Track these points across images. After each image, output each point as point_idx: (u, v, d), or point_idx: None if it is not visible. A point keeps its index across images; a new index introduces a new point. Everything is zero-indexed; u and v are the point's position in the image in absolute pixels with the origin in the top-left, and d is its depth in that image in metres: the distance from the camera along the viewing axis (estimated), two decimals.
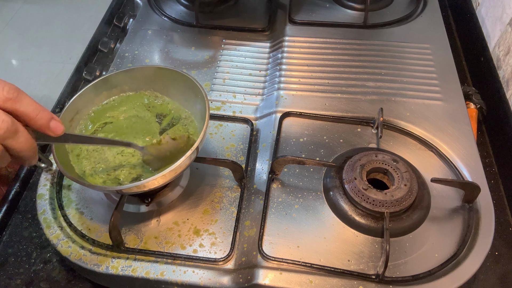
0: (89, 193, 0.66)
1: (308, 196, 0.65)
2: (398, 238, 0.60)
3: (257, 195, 0.66)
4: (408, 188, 0.60)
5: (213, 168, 0.69)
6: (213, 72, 0.84)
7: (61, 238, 0.61)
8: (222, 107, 0.78)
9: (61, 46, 2.32)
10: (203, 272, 0.58)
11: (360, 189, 0.60)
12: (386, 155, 0.64)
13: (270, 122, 0.75)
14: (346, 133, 0.73)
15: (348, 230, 0.61)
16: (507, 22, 0.83)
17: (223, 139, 0.73)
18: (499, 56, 0.85)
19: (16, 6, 2.56)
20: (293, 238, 0.61)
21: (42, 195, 0.66)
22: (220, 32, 0.92)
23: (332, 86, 0.80)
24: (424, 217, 0.62)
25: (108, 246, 0.60)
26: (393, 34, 0.90)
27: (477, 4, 0.98)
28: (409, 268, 0.58)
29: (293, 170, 0.68)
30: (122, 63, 0.85)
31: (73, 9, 2.54)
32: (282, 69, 0.83)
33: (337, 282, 0.57)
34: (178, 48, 0.89)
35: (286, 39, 0.88)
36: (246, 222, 0.63)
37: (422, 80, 0.80)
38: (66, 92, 0.85)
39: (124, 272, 0.58)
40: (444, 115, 0.75)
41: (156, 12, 0.96)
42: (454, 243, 0.60)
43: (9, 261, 0.65)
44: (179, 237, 0.62)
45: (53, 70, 2.19)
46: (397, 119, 0.74)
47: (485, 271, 0.63)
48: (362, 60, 0.84)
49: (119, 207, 0.58)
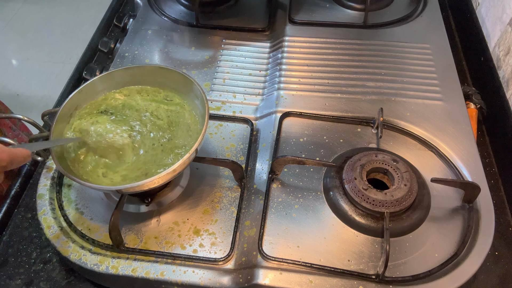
0: (89, 193, 0.66)
1: (308, 196, 0.65)
2: (398, 238, 0.60)
3: (257, 195, 0.66)
4: (408, 188, 0.60)
5: (213, 168, 0.69)
6: (213, 72, 0.84)
7: (61, 238, 0.61)
8: (222, 107, 0.78)
9: (61, 46, 2.32)
10: (203, 272, 0.58)
11: (360, 189, 0.60)
12: (386, 155, 0.64)
13: (270, 122, 0.75)
14: (346, 133, 0.73)
15: (348, 230, 0.61)
16: (507, 22, 0.83)
17: (223, 139, 0.73)
18: (499, 56, 0.85)
19: (16, 6, 2.56)
20: (293, 238, 0.61)
21: (42, 195, 0.66)
22: (220, 32, 0.92)
23: (332, 86, 0.80)
24: (424, 217, 0.62)
25: (108, 246, 0.60)
26: (393, 34, 0.90)
27: (477, 4, 0.98)
28: (409, 268, 0.58)
29: (293, 170, 0.68)
30: (122, 63, 0.85)
31: (73, 9, 2.54)
32: (282, 69, 0.83)
33: (337, 282, 0.57)
34: (178, 48, 0.89)
35: (286, 39, 0.88)
36: (246, 222, 0.63)
37: (422, 80, 0.80)
38: (66, 92, 0.85)
39: (124, 272, 0.58)
40: (444, 115, 0.75)
41: (156, 12, 0.96)
42: (454, 243, 0.60)
43: (9, 261, 0.65)
44: (179, 237, 0.62)
45: (53, 70, 2.19)
46: (397, 119, 0.74)
47: (485, 271, 0.63)
48: (362, 60, 0.84)
49: (119, 207, 0.58)
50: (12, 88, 2.10)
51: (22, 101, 2.04)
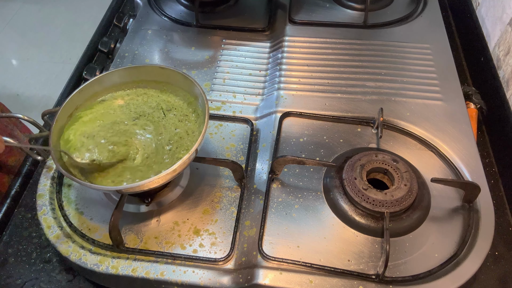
0: (89, 193, 0.66)
1: (308, 196, 0.65)
2: (398, 238, 0.60)
3: (257, 195, 0.66)
4: (408, 188, 0.60)
5: (213, 168, 0.69)
6: (213, 72, 0.84)
7: (61, 238, 0.61)
8: (222, 107, 0.78)
9: (61, 46, 2.32)
10: (203, 272, 0.58)
11: (360, 189, 0.60)
12: (386, 155, 0.64)
13: (270, 122, 0.75)
14: (346, 133, 0.73)
15: (348, 230, 0.61)
16: (507, 22, 0.83)
17: (223, 139, 0.73)
18: (499, 56, 0.85)
19: (16, 6, 2.56)
20: (293, 238, 0.61)
21: (42, 195, 0.66)
22: (220, 32, 0.92)
23: (332, 86, 0.80)
24: (424, 217, 0.62)
25: (108, 246, 0.60)
26: (393, 34, 0.90)
27: (477, 4, 0.98)
28: (409, 268, 0.58)
29: (293, 170, 0.68)
30: (122, 63, 0.85)
31: (73, 9, 2.54)
32: (282, 69, 0.83)
33: (337, 282, 0.57)
34: (178, 48, 0.89)
35: (286, 39, 0.88)
36: (246, 222, 0.63)
37: (422, 80, 0.80)
38: (66, 92, 0.85)
39: (124, 272, 0.58)
40: (444, 115, 0.75)
41: (156, 12, 0.96)
42: (454, 243, 0.60)
43: (9, 261, 0.65)
44: (179, 237, 0.62)
45: (53, 70, 2.20)
46: (397, 119, 0.74)
47: (485, 271, 0.63)
48: (362, 60, 0.84)
49: (119, 207, 0.58)
50: (12, 88, 2.10)
51: (22, 101, 2.04)
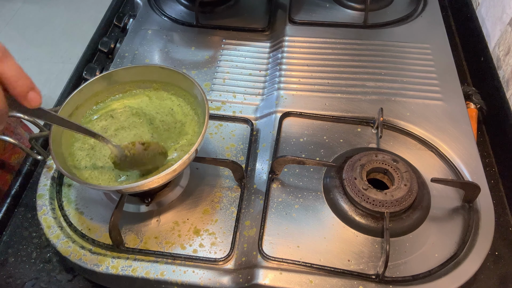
0: (89, 193, 0.66)
1: (308, 196, 0.65)
2: (398, 238, 0.60)
3: (257, 195, 0.66)
4: (408, 188, 0.60)
5: (213, 168, 0.69)
6: (213, 72, 0.84)
7: (61, 238, 0.61)
8: (222, 107, 0.78)
9: (61, 46, 2.32)
10: (203, 272, 0.58)
11: (360, 189, 0.60)
12: (386, 155, 0.64)
13: (270, 122, 0.75)
14: (346, 133, 0.73)
15: (348, 230, 0.61)
16: (507, 22, 0.83)
17: (223, 139, 0.73)
18: (499, 56, 0.85)
19: (16, 6, 2.56)
20: (293, 238, 0.61)
21: (42, 195, 0.66)
22: (220, 32, 0.92)
23: (332, 86, 0.80)
24: (424, 217, 0.62)
25: (108, 246, 0.60)
26: (393, 34, 0.90)
27: (477, 4, 0.98)
28: (409, 268, 0.58)
29: (293, 170, 0.68)
30: (122, 63, 0.85)
31: (73, 9, 2.54)
32: (282, 69, 0.83)
33: (337, 282, 0.57)
34: (178, 48, 0.89)
35: (286, 39, 0.88)
36: (246, 222, 0.63)
37: (422, 80, 0.80)
38: (66, 92, 0.85)
39: (124, 272, 0.58)
40: (444, 115, 0.75)
41: (156, 12, 0.96)
42: (454, 243, 0.60)
43: (9, 261, 0.65)
44: (179, 237, 0.62)
45: (53, 70, 2.19)
46: (397, 119, 0.74)
47: (485, 271, 0.63)
48: (362, 60, 0.84)
49: (119, 207, 0.58)
50: None
51: None
